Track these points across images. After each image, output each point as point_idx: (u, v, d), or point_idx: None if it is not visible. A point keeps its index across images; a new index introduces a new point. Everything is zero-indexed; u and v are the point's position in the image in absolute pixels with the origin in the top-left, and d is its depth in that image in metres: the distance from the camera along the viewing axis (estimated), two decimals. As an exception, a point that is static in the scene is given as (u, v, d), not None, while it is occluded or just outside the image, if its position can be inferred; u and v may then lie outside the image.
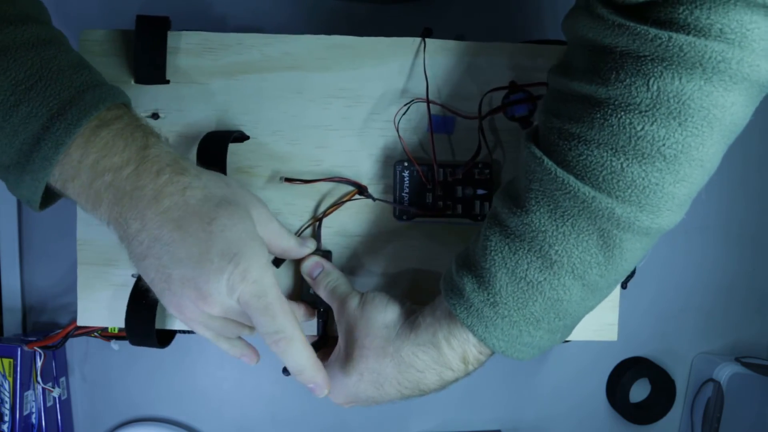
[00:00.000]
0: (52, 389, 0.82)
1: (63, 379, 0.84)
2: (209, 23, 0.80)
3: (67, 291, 0.84)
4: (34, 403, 0.81)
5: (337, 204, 0.65)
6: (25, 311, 0.86)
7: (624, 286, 0.70)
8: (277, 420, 0.88)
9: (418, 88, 0.65)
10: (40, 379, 0.80)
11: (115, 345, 0.83)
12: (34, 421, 0.81)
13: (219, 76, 0.64)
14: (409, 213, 0.65)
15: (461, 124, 0.65)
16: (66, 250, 0.79)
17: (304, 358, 0.52)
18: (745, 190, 0.89)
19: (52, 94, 0.48)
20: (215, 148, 0.60)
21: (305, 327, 0.65)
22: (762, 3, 0.43)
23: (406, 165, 0.65)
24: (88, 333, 0.79)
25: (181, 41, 0.64)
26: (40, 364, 0.80)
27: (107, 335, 0.80)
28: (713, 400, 0.86)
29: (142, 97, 0.64)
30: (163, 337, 0.66)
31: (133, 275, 0.65)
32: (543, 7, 0.84)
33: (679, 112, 0.45)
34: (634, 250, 0.50)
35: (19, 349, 0.78)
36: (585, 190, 0.48)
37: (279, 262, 0.64)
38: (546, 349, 0.55)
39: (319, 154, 0.65)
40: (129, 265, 0.57)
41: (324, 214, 0.65)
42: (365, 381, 0.57)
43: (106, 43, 0.64)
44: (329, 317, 0.65)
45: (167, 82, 0.63)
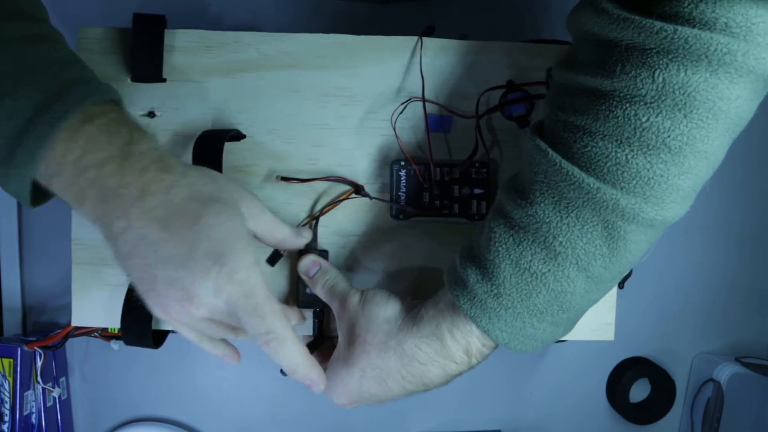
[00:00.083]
0: (52, 389, 0.82)
1: (63, 379, 0.84)
2: (207, 22, 0.80)
3: (67, 291, 0.83)
4: (34, 403, 0.81)
5: (333, 203, 0.65)
6: (25, 311, 0.86)
7: (621, 286, 0.70)
8: (277, 420, 0.88)
9: (415, 87, 0.65)
10: (40, 379, 0.80)
11: (115, 345, 0.84)
12: (34, 421, 0.81)
13: (216, 74, 0.64)
14: (406, 212, 0.65)
15: (458, 123, 0.65)
16: (66, 250, 0.79)
17: (297, 356, 0.52)
18: (745, 190, 0.89)
19: (38, 89, 0.48)
20: (211, 146, 0.60)
21: (302, 328, 0.66)
22: None
23: (403, 164, 0.65)
24: (88, 333, 0.79)
25: (178, 39, 0.64)
26: (40, 364, 0.80)
27: (107, 335, 0.80)
28: (713, 400, 0.85)
29: (138, 96, 0.64)
30: (156, 337, 0.66)
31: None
32: (542, 7, 0.84)
33: (684, 104, 0.45)
34: (639, 242, 0.50)
35: (19, 349, 0.78)
36: (589, 181, 0.48)
37: (274, 261, 0.64)
38: (549, 343, 0.55)
39: (315, 153, 0.65)
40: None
41: (321, 213, 0.65)
42: (368, 378, 0.57)
43: (103, 41, 0.64)
44: (325, 317, 0.65)
45: (164, 80, 0.63)
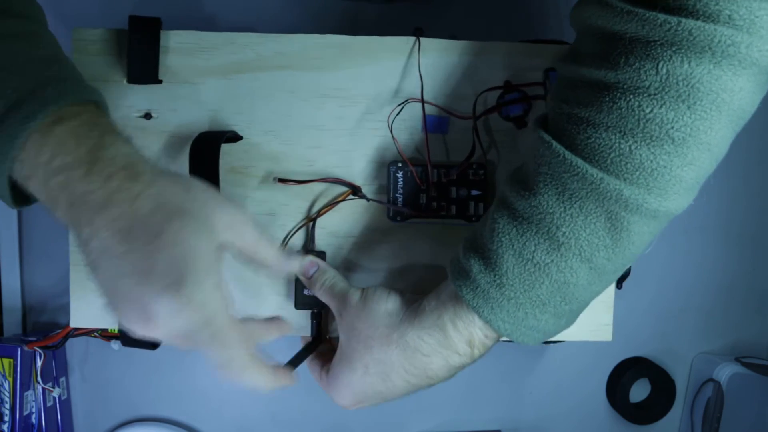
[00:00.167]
0: (52, 389, 0.82)
1: (63, 379, 0.85)
2: (203, 23, 0.80)
3: (67, 291, 0.82)
4: (34, 403, 0.81)
5: (330, 204, 0.65)
6: (25, 311, 0.86)
7: (619, 286, 0.70)
8: (277, 420, 0.88)
9: (412, 87, 0.65)
10: (40, 379, 0.81)
11: (115, 345, 0.83)
12: (34, 421, 0.81)
13: (212, 75, 0.64)
14: (403, 214, 0.65)
15: (456, 124, 0.65)
16: (66, 250, 0.79)
17: (261, 380, 0.49)
18: (745, 190, 0.89)
19: (12, 87, 0.47)
20: (208, 148, 0.60)
21: (300, 329, 0.66)
22: None
23: (400, 165, 0.64)
24: (88, 333, 0.79)
25: (174, 40, 0.64)
26: (40, 364, 0.80)
27: (107, 335, 0.80)
28: (713, 400, 0.85)
29: (134, 97, 0.64)
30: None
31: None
32: (540, 7, 0.84)
33: (688, 96, 0.45)
34: (642, 233, 0.50)
35: (19, 349, 0.78)
36: (593, 172, 0.48)
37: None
38: (550, 336, 0.54)
39: (312, 155, 0.65)
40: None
41: (318, 214, 0.65)
42: (371, 374, 0.56)
43: (99, 43, 0.64)
44: (323, 318, 0.65)
45: (160, 81, 0.63)
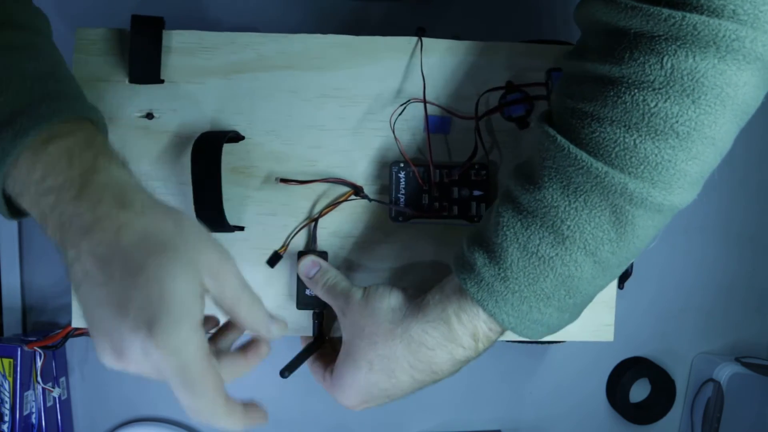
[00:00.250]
0: (52, 389, 0.82)
1: (63, 379, 0.84)
2: (205, 23, 0.80)
3: (67, 291, 0.84)
4: (34, 403, 0.81)
5: (332, 205, 0.65)
6: (25, 311, 0.86)
7: (621, 286, 0.70)
8: (277, 420, 0.87)
9: (413, 87, 0.65)
10: (40, 379, 0.80)
11: (115, 345, 0.83)
12: (34, 421, 0.81)
13: (214, 75, 0.64)
14: (405, 214, 0.65)
15: (458, 124, 0.65)
16: (66, 250, 0.80)
17: (232, 424, 0.47)
18: (745, 190, 0.89)
19: (6, 102, 0.47)
20: (210, 148, 0.60)
21: (301, 329, 0.66)
22: None
23: (402, 166, 0.64)
24: (89, 333, 0.79)
25: (176, 40, 0.64)
26: (40, 364, 0.80)
27: (107, 335, 0.80)
28: (713, 400, 0.85)
29: (136, 97, 0.64)
30: None
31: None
32: (542, 7, 0.84)
33: (692, 90, 0.46)
34: (646, 227, 0.50)
35: (19, 349, 0.78)
36: (598, 165, 0.48)
37: (274, 262, 0.64)
38: (554, 330, 0.55)
39: (314, 155, 0.65)
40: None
41: (320, 214, 0.65)
42: (376, 371, 0.56)
43: (101, 42, 0.64)
44: (325, 318, 0.65)
45: (162, 81, 0.63)
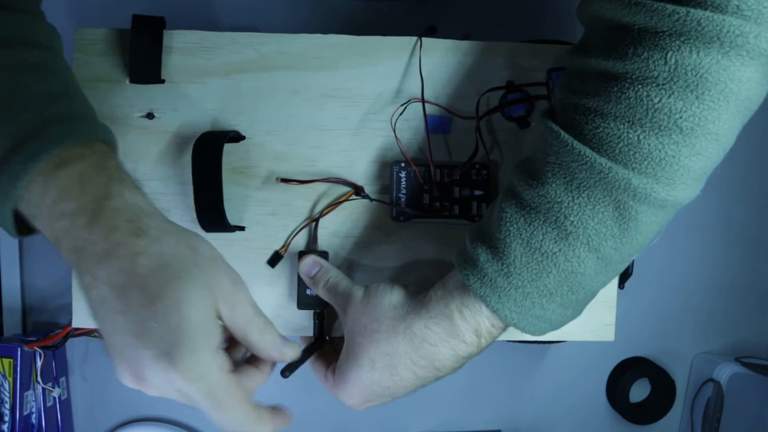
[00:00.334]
0: (52, 389, 0.82)
1: (63, 379, 0.85)
2: (206, 23, 0.80)
3: (67, 291, 0.83)
4: (34, 403, 0.81)
5: (333, 205, 0.65)
6: (25, 311, 0.86)
7: (621, 286, 0.70)
8: (277, 420, 0.88)
9: (414, 87, 0.65)
10: (40, 379, 0.80)
11: (115, 345, 0.83)
12: (34, 421, 0.81)
13: (214, 75, 0.64)
14: (406, 214, 0.65)
15: (458, 124, 0.65)
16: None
17: (262, 430, 0.49)
18: (745, 190, 0.89)
19: (16, 124, 0.46)
20: (211, 148, 0.60)
21: (302, 329, 0.66)
22: None
23: (402, 165, 0.64)
24: (88, 333, 0.79)
25: (177, 40, 0.64)
26: (40, 364, 0.80)
27: (107, 335, 0.80)
28: (713, 400, 0.85)
29: (137, 97, 0.64)
30: None
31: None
32: (543, 7, 0.84)
33: (696, 85, 0.46)
34: (649, 223, 0.50)
35: (19, 349, 0.78)
36: (601, 161, 0.48)
37: (275, 262, 0.64)
38: (557, 326, 0.55)
39: (315, 155, 0.65)
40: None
41: (320, 214, 0.65)
42: (378, 368, 0.56)
43: (102, 42, 0.64)
44: (326, 318, 0.65)
45: (162, 81, 0.63)
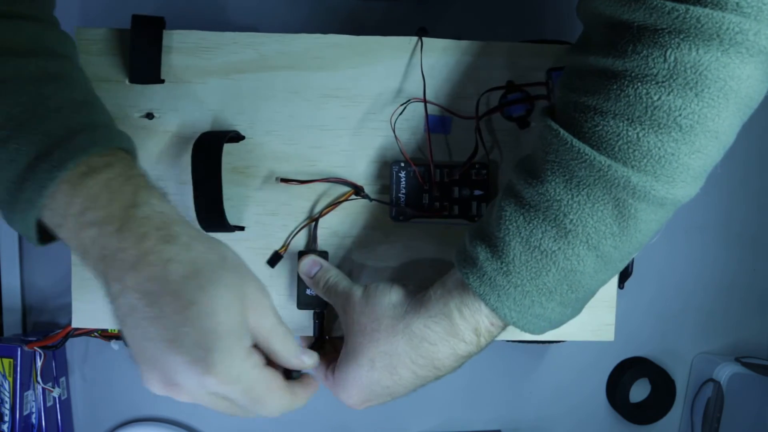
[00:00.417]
0: (52, 389, 0.82)
1: (63, 379, 0.85)
2: (207, 23, 0.80)
3: (67, 291, 0.83)
4: (34, 403, 0.81)
5: (333, 204, 0.65)
6: (25, 311, 0.86)
7: (621, 286, 0.70)
8: (277, 421, 0.88)
9: (414, 87, 0.65)
10: (40, 379, 0.81)
11: (115, 345, 0.83)
12: (34, 421, 0.81)
13: (214, 75, 0.64)
14: (406, 214, 0.65)
15: (458, 124, 0.65)
16: (66, 250, 0.79)
17: (301, 403, 0.52)
18: (745, 190, 0.89)
19: (42, 133, 0.46)
20: (210, 148, 0.60)
21: (302, 329, 0.66)
22: None
23: (402, 165, 0.64)
24: (88, 333, 0.79)
25: (177, 40, 0.64)
26: (40, 364, 0.80)
27: (107, 335, 0.80)
28: (713, 400, 0.85)
29: (136, 97, 0.64)
30: None
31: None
32: (543, 7, 0.84)
33: (695, 83, 0.45)
34: (649, 221, 0.50)
35: (19, 349, 0.78)
36: (601, 159, 0.48)
37: (274, 262, 0.64)
38: (556, 325, 0.55)
39: (315, 155, 0.65)
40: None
41: (320, 214, 0.65)
42: (378, 368, 0.56)
43: (101, 42, 0.64)
44: (326, 318, 0.65)
45: (162, 81, 0.63)
